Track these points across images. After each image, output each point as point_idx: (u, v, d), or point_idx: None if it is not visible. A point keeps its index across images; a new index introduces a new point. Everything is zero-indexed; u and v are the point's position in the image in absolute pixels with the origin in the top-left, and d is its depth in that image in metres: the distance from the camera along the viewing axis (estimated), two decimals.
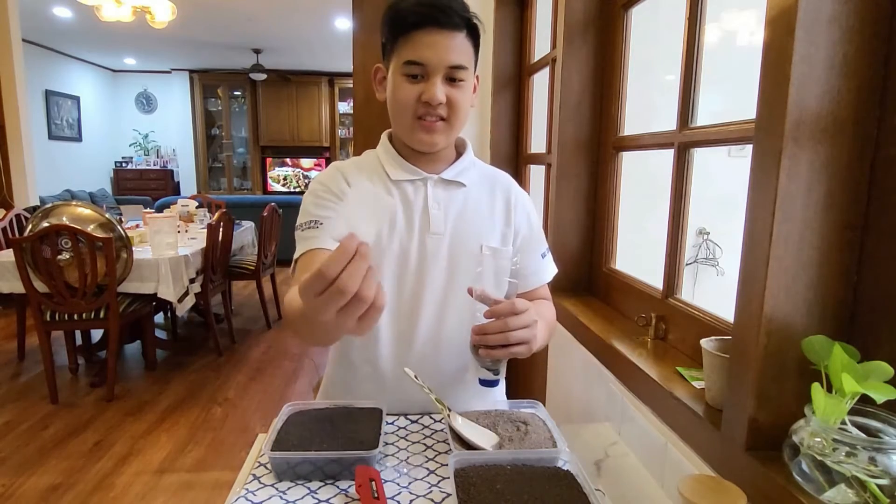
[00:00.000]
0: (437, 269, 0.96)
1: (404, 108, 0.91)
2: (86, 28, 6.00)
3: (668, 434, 0.92)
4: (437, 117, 0.90)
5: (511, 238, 1.02)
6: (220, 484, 2.18)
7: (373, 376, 0.99)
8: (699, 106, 1.11)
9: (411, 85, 0.89)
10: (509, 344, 0.78)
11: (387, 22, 0.91)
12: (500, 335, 0.78)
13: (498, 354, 0.80)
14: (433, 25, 0.86)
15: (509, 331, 0.77)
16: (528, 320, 0.79)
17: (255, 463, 0.84)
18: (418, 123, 0.91)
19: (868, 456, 0.58)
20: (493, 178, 1.05)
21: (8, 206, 4.22)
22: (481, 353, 0.81)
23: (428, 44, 0.87)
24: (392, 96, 0.93)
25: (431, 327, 0.97)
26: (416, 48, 0.87)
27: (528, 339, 0.79)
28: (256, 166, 8.63)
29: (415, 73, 0.88)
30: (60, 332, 3.18)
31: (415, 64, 0.87)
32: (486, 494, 0.71)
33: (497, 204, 1.02)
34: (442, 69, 0.88)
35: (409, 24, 0.87)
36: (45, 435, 2.53)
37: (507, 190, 1.04)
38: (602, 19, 1.49)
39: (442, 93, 0.88)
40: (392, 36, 0.90)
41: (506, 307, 0.79)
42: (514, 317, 0.78)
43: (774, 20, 0.67)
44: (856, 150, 0.67)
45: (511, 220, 1.02)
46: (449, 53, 0.87)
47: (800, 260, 0.68)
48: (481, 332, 0.79)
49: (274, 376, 3.29)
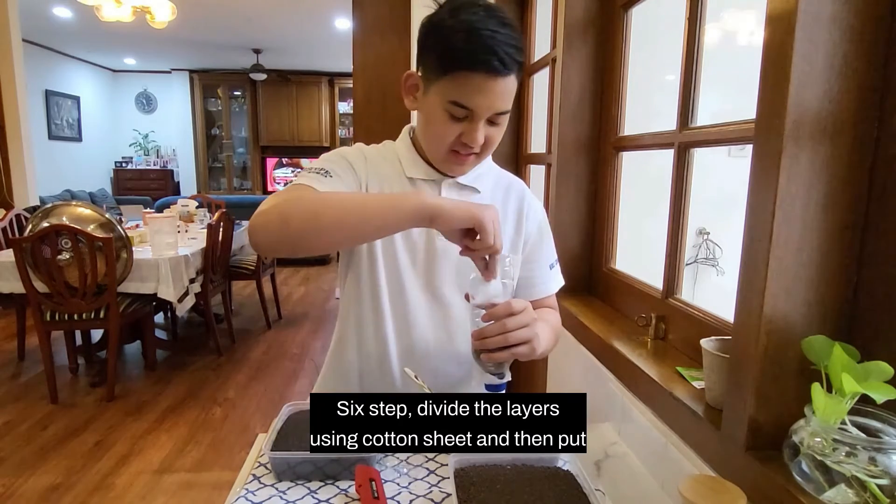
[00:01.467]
0: (444, 270, 0.96)
1: (440, 141, 0.88)
2: (86, 28, 6.00)
3: (668, 434, 0.92)
4: (472, 153, 0.89)
5: (520, 246, 1.01)
6: (220, 484, 2.18)
7: (374, 376, 0.99)
8: (699, 106, 1.11)
9: (453, 123, 0.85)
10: (510, 345, 0.78)
11: (433, 46, 0.85)
12: (499, 337, 0.77)
13: (500, 357, 0.79)
14: (488, 72, 0.81)
15: (508, 331, 0.77)
16: (527, 319, 0.79)
17: (255, 463, 0.84)
18: (452, 155, 0.90)
19: (868, 456, 0.58)
20: (509, 184, 1.04)
21: (8, 206, 4.22)
22: (483, 358, 0.80)
23: (478, 89, 0.82)
24: (428, 126, 0.90)
25: (435, 329, 0.97)
26: (464, 92, 0.82)
27: (528, 338, 0.79)
28: (256, 166, 8.62)
29: (459, 115, 0.85)
30: (60, 332, 3.18)
31: (461, 107, 0.84)
32: (486, 494, 0.71)
33: (510, 211, 1.02)
34: (487, 114, 0.85)
35: (462, 65, 0.81)
36: (45, 435, 2.53)
37: (520, 198, 1.03)
38: (602, 19, 1.49)
39: (483, 135, 0.86)
40: (439, 65, 0.84)
41: (502, 309, 0.78)
42: (512, 317, 0.78)
43: (774, 20, 0.67)
44: (856, 150, 0.67)
45: (522, 228, 1.02)
46: (498, 100, 0.84)
47: (800, 260, 0.68)
48: (480, 336, 0.79)
49: (274, 376, 3.29)
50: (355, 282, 0.98)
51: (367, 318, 0.98)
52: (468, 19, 0.81)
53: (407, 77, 0.92)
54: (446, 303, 0.97)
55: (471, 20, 0.80)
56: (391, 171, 0.97)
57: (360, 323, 0.99)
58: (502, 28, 0.81)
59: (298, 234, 0.77)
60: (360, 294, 0.97)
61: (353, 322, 1.00)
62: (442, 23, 0.83)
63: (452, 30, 0.81)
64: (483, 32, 0.79)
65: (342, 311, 1.03)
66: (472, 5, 0.83)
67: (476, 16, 0.81)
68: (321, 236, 0.78)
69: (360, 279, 0.97)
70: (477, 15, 0.81)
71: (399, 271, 0.95)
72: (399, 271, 0.95)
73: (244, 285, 5.33)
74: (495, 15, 0.82)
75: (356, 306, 0.99)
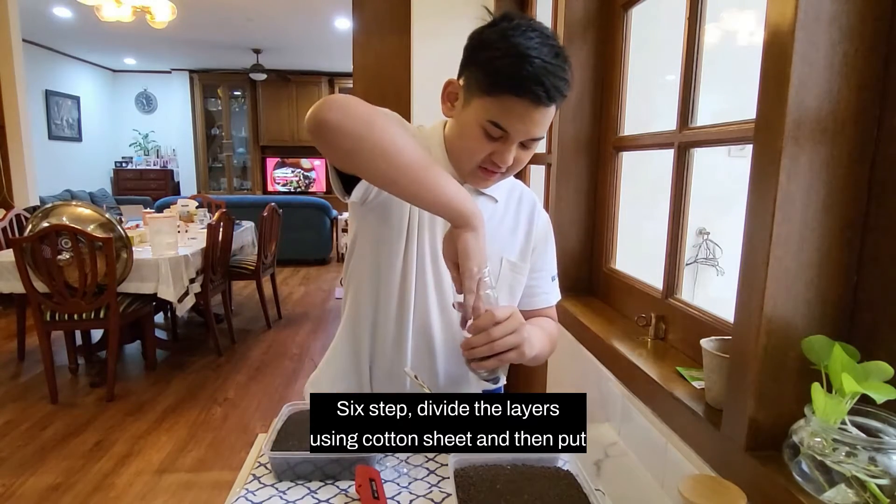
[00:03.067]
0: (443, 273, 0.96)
1: (470, 156, 0.88)
2: (86, 28, 6.00)
3: (668, 434, 0.92)
4: (499, 172, 0.89)
5: (529, 254, 1.02)
6: (220, 484, 2.18)
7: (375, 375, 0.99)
8: (699, 106, 1.11)
9: (487, 141, 0.85)
10: (496, 353, 0.78)
11: (482, 63, 0.83)
12: (485, 347, 0.78)
13: (488, 365, 0.80)
14: (532, 101, 0.79)
15: (494, 340, 0.77)
16: (513, 325, 0.79)
17: (255, 463, 0.84)
18: (479, 171, 0.89)
19: (868, 456, 0.58)
20: (521, 194, 1.05)
21: (8, 206, 4.22)
22: (473, 366, 0.81)
23: (519, 116, 0.81)
24: (461, 138, 0.89)
25: (443, 331, 0.97)
26: (505, 115, 0.81)
27: (516, 344, 0.79)
28: (256, 166, 8.62)
29: (495, 135, 0.84)
30: (60, 332, 3.18)
31: (499, 128, 0.83)
32: (486, 494, 0.71)
33: (521, 220, 1.02)
34: (523, 139, 0.85)
35: (508, 90, 0.80)
36: (45, 435, 2.52)
37: (531, 209, 1.04)
38: (602, 19, 1.49)
39: (512, 157, 0.86)
40: (484, 84, 0.82)
41: (485, 319, 0.78)
42: (497, 326, 0.78)
43: (774, 20, 0.67)
44: (856, 149, 0.67)
45: (532, 237, 1.02)
46: (536, 127, 0.83)
47: (800, 260, 0.68)
48: (468, 346, 0.79)
49: (274, 376, 3.30)
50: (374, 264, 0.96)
51: (387, 299, 0.96)
52: (522, 44, 0.78)
53: (447, 84, 0.91)
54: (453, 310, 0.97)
55: (524, 45, 0.78)
56: None
57: (376, 303, 0.97)
58: (555, 59, 0.79)
59: (346, 147, 0.75)
60: (379, 275, 0.96)
61: (368, 301, 0.98)
62: (493, 42, 0.81)
63: (503, 52, 0.79)
64: (535, 61, 0.77)
65: (353, 290, 1.01)
66: (528, 29, 0.80)
67: (530, 41, 0.79)
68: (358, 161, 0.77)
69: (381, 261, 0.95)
70: (532, 41, 0.79)
71: (411, 271, 0.94)
72: (411, 271, 0.94)
73: (244, 285, 5.33)
74: (549, 43, 0.80)
75: (373, 287, 0.97)
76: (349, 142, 0.75)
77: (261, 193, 8.50)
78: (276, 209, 4.27)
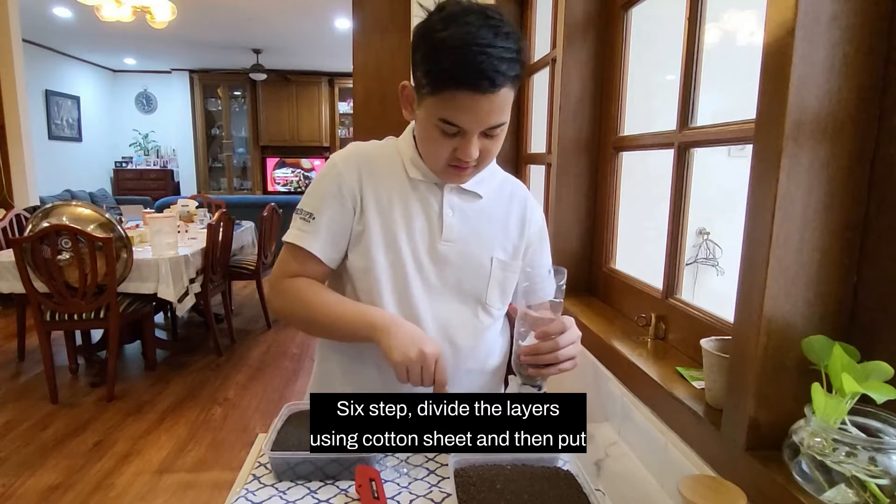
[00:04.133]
0: (445, 274, 0.96)
1: (435, 156, 0.87)
2: (86, 28, 6.00)
3: (668, 434, 0.92)
4: (469, 165, 0.88)
5: (522, 252, 1.01)
6: (220, 484, 2.18)
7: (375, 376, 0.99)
8: (699, 106, 1.11)
9: (445, 139, 0.84)
10: (559, 362, 0.79)
11: (422, 61, 0.81)
12: (551, 355, 0.78)
13: (548, 372, 0.81)
14: (476, 91, 0.77)
15: (560, 349, 0.78)
16: (575, 336, 0.80)
17: (255, 463, 0.84)
18: (450, 168, 0.89)
19: (868, 456, 0.58)
20: (512, 189, 1.04)
21: (8, 206, 4.22)
22: (531, 373, 0.81)
23: (466, 108, 0.79)
24: (423, 140, 0.89)
25: (437, 331, 0.96)
26: (452, 110, 0.80)
27: (575, 355, 0.80)
28: (256, 166, 8.62)
29: (450, 132, 0.83)
30: (60, 332, 3.18)
31: (451, 125, 0.81)
32: (486, 494, 0.71)
33: (513, 216, 1.01)
34: (479, 130, 0.82)
35: (448, 84, 0.78)
36: (45, 435, 2.52)
37: (523, 204, 1.03)
38: (602, 19, 1.49)
39: (477, 149, 0.84)
40: (427, 82, 0.81)
41: (557, 326, 0.79)
42: (564, 335, 0.78)
43: (774, 20, 0.67)
44: (856, 150, 0.67)
45: (524, 233, 1.02)
46: (488, 116, 0.80)
47: (800, 260, 0.68)
48: (533, 352, 0.79)
49: (274, 376, 3.29)
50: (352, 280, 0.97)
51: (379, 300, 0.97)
52: (458, 33, 0.76)
53: (402, 88, 0.90)
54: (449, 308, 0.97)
55: (461, 34, 0.76)
56: (392, 173, 0.96)
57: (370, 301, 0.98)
58: (495, 39, 0.76)
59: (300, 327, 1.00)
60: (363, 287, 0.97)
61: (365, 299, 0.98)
62: (432, 35, 0.79)
63: (442, 45, 0.77)
64: (472, 49, 0.75)
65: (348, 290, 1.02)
66: (465, 13, 0.77)
67: (467, 27, 0.76)
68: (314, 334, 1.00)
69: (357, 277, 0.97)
70: (469, 26, 0.76)
71: (403, 276, 0.94)
72: (403, 276, 0.94)
73: (244, 285, 5.33)
74: (489, 23, 0.77)
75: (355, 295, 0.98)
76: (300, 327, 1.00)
77: (261, 193, 8.50)
78: (276, 209, 4.27)
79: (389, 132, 1.06)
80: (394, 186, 0.95)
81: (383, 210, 0.94)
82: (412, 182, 0.95)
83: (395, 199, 0.94)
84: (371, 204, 0.93)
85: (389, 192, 0.94)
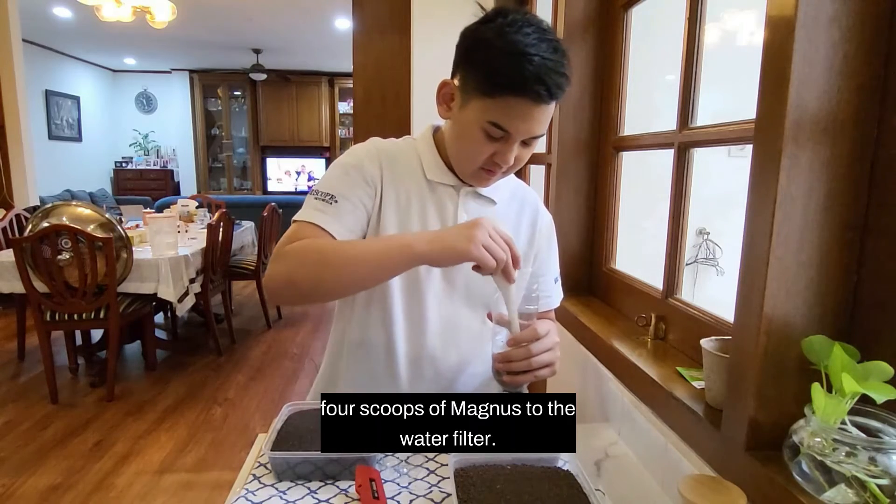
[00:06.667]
0: (455, 278, 0.96)
1: (472, 158, 0.87)
2: (86, 28, 6.00)
3: (668, 434, 0.92)
4: (500, 170, 0.88)
5: (531, 259, 1.02)
6: (220, 484, 2.18)
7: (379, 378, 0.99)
8: (699, 106, 1.11)
9: (488, 142, 0.84)
10: (533, 369, 0.78)
11: (478, 64, 0.81)
12: (524, 362, 0.78)
13: (523, 380, 0.80)
14: (534, 100, 0.78)
15: (533, 356, 0.77)
16: (551, 343, 0.79)
17: (255, 463, 0.84)
18: (481, 171, 0.89)
19: (868, 456, 0.58)
20: (523, 196, 1.04)
21: (8, 206, 4.22)
22: (506, 380, 0.80)
23: (521, 115, 0.80)
24: (461, 140, 0.88)
25: (442, 333, 0.96)
26: (506, 116, 0.80)
27: (551, 362, 0.79)
28: (256, 166, 8.63)
29: (496, 136, 0.83)
30: (60, 332, 3.18)
31: (501, 129, 0.81)
32: (486, 494, 0.71)
33: (523, 223, 1.01)
34: (524, 138, 0.83)
35: (508, 90, 0.78)
36: (45, 435, 2.53)
37: (534, 211, 1.03)
38: (602, 19, 1.49)
39: (514, 156, 0.85)
40: (483, 85, 0.80)
41: (529, 333, 0.78)
42: (538, 342, 0.78)
43: (774, 20, 0.67)
44: (856, 150, 0.67)
45: (534, 241, 1.02)
46: (537, 126, 0.82)
47: (800, 260, 0.68)
48: (505, 359, 0.79)
49: (274, 376, 3.29)
50: None
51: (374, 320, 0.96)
52: (520, 41, 0.77)
53: (442, 85, 0.89)
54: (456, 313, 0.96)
55: (521, 42, 0.76)
56: (410, 172, 0.95)
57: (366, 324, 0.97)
58: (553, 54, 0.77)
59: (307, 294, 0.83)
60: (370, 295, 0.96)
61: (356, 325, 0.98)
62: (490, 40, 0.79)
63: (501, 51, 0.77)
64: (534, 59, 0.76)
65: (339, 313, 1.02)
66: (524, 24, 0.78)
67: (527, 38, 0.77)
68: (326, 296, 0.85)
69: None
70: (528, 37, 0.77)
71: (413, 278, 0.93)
72: (413, 278, 0.93)
73: (244, 285, 5.33)
74: (546, 38, 0.78)
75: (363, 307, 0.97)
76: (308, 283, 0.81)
77: (261, 193, 8.50)
78: (276, 209, 4.27)
79: (389, 132, 1.06)
80: (412, 186, 0.94)
81: (401, 208, 0.93)
82: (430, 184, 0.95)
83: (412, 199, 0.94)
84: (390, 200, 0.93)
85: (408, 191, 0.94)
